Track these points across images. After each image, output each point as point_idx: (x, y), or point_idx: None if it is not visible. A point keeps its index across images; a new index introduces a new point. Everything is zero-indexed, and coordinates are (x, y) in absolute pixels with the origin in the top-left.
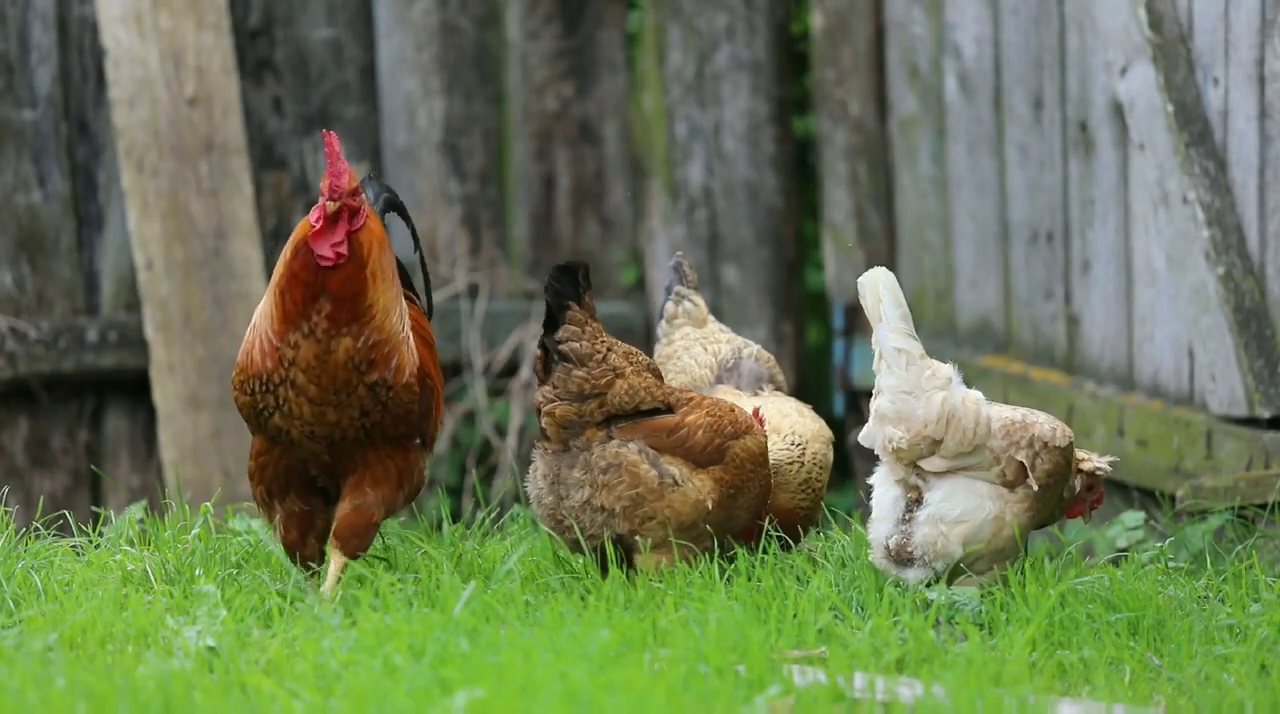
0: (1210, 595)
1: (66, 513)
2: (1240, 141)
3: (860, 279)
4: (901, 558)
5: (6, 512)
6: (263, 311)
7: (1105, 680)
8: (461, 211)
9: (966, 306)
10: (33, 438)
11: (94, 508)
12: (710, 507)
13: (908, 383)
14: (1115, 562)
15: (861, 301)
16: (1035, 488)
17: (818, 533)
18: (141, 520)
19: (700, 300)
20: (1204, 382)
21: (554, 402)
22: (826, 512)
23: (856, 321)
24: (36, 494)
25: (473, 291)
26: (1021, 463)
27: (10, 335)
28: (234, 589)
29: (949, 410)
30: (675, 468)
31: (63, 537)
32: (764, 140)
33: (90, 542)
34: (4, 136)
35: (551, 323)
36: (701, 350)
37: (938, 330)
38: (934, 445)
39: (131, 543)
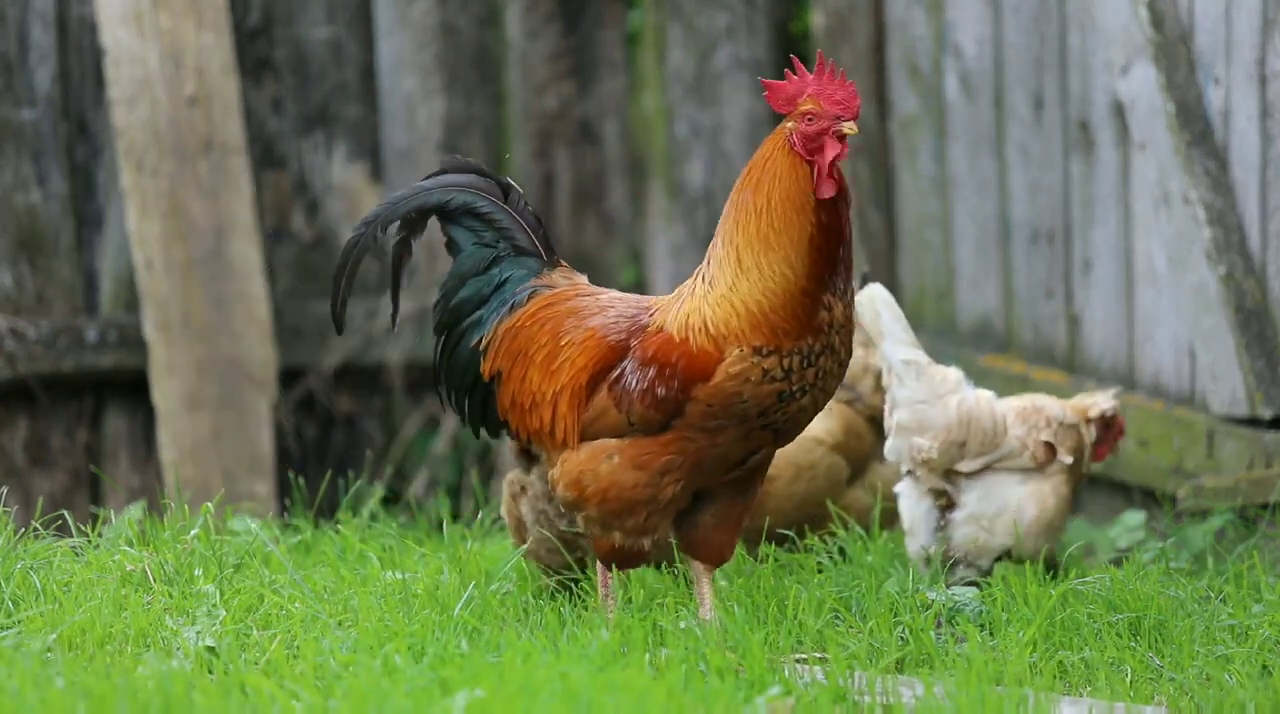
0: (1212, 596)
1: (65, 513)
2: (1241, 141)
3: (858, 297)
4: (943, 564)
5: (5, 512)
6: (769, 269)
7: (1106, 681)
8: None
9: (967, 306)
10: (32, 438)
11: (93, 508)
12: None
13: (922, 392)
14: (1116, 562)
15: (860, 319)
16: (1069, 461)
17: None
18: (141, 521)
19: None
20: (1205, 382)
21: None
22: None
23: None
24: (35, 494)
25: None
26: (1047, 442)
27: (9, 335)
28: (233, 589)
29: (966, 411)
30: None
31: (62, 537)
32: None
33: (89, 542)
34: (3, 136)
35: None
36: None
37: (938, 331)
38: (960, 448)
39: (131, 543)
